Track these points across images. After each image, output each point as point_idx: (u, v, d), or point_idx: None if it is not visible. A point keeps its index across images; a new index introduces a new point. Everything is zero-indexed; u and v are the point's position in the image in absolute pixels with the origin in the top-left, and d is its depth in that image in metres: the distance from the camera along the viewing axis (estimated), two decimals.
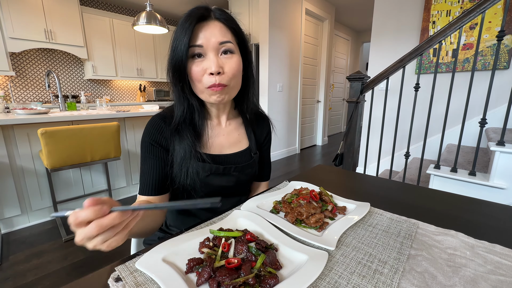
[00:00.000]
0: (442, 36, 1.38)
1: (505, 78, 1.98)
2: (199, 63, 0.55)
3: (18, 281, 1.30)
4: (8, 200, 1.73)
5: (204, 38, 0.53)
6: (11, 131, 1.70)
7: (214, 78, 0.54)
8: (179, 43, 0.53)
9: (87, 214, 0.31)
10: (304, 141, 4.42)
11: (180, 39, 0.53)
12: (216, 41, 0.54)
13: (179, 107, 0.61)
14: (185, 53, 0.53)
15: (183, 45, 0.53)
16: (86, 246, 0.33)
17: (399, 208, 0.62)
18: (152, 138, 0.60)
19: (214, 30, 0.54)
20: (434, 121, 2.22)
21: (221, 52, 0.55)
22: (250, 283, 0.35)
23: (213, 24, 0.55)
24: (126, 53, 4.17)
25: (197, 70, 0.55)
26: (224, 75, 0.55)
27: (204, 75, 0.55)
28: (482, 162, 1.71)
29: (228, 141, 0.69)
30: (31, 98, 3.58)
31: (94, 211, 0.31)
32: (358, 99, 1.75)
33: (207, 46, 0.54)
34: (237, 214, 0.55)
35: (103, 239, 0.33)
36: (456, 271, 0.39)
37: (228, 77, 0.56)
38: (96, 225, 0.31)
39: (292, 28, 3.57)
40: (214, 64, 0.53)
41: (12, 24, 3.03)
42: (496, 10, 1.95)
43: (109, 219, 0.32)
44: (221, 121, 0.69)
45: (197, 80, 0.56)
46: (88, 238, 0.32)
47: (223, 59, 0.55)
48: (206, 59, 0.54)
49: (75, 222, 0.31)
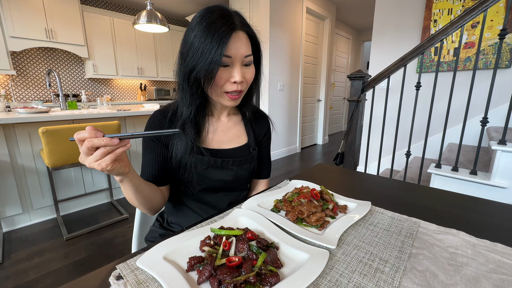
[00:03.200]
0: (443, 34, 1.37)
1: (507, 77, 1.97)
2: (225, 71, 0.57)
3: (20, 280, 1.30)
4: (10, 199, 1.73)
5: (234, 49, 0.56)
6: (12, 130, 1.70)
7: (236, 85, 0.59)
8: (212, 50, 0.53)
9: (85, 133, 0.40)
10: (304, 140, 4.42)
11: (212, 48, 0.53)
12: (242, 54, 0.57)
13: (190, 105, 0.62)
14: (218, 64, 0.54)
15: (218, 55, 0.53)
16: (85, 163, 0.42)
17: (400, 207, 0.62)
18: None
19: (241, 44, 0.57)
20: (435, 120, 2.21)
21: (244, 63, 0.59)
22: (251, 282, 0.35)
23: (241, 36, 0.57)
24: (126, 52, 4.17)
25: (223, 77, 0.58)
26: (243, 83, 0.60)
27: (227, 82, 0.58)
28: (483, 161, 1.70)
29: (227, 136, 0.71)
30: (32, 97, 3.59)
31: (89, 131, 0.40)
32: (359, 98, 1.75)
33: (235, 57, 0.57)
34: (238, 213, 0.55)
35: (95, 158, 0.41)
36: (458, 270, 0.39)
37: (246, 85, 0.62)
38: (87, 141, 0.40)
39: (292, 27, 3.56)
40: (239, 75, 0.57)
41: (13, 23, 3.03)
42: (498, 8, 1.94)
43: (99, 139, 0.40)
44: (221, 117, 0.72)
45: (219, 85, 0.59)
46: (84, 153, 0.41)
47: (244, 69, 0.60)
48: (232, 69, 0.58)
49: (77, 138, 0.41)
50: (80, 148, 0.41)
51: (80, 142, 0.41)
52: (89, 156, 0.42)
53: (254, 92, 0.71)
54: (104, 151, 0.41)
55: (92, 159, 0.41)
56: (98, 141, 0.40)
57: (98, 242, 1.63)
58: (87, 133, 0.40)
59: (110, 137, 0.41)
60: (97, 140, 0.40)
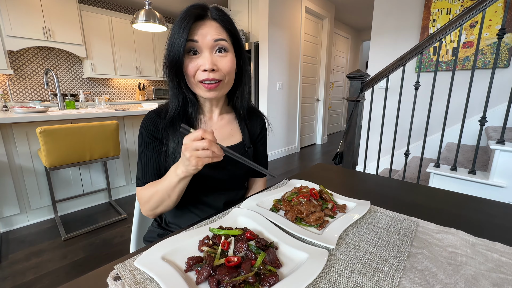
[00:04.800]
0: (442, 34, 1.37)
1: (505, 77, 1.97)
2: (194, 59, 0.58)
3: (18, 280, 1.29)
4: (7, 199, 1.72)
5: (200, 35, 0.56)
6: (10, 129, 1.69)
7: (207, 74, 0.58)
8: (177, 39, 0.56)
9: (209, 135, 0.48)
10: (303, 139, 4.42)
11: (178, 35, 0.56)
12: (211, 39, 0.57)
13: (174, 101, 0.64)
14: (182, 49, 0.56)
15: (180, 42, 0.56)
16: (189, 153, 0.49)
17: (399, 206, 0.62)
18: (148, 132, 0.65)
19: (210, 29, 0.57)
20: (434, 120, 2.22)
21: (216, 50, 0.58)
22: (250, 282, 0.35)
23: (210, 23, 0.58)
24: (125, 51, 4.15)
25: (191, 66, 0.58)
26: (217, 72, 0.59)
27: (198, 70, 0.58)
28: (482, 160, 1.71)
29: (220, 135, 0.70)
30: (30, 96, 3.57)
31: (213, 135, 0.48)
32: (358, 98, 1.75)
33: (202, 43, 0.57)
34: (237, 213, 0.54)
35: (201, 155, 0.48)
36: (457, 269, 0.39)
37: (221, 74, 0.60)
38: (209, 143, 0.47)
39: (291, 27, 3.56)
40: (208, 62, 0.56)
41: (10, 22, 3.01)
42: (496, 8, 1.95)
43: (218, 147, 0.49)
44: (213, 116, 0.71)
45: (191, 75, 0.59)
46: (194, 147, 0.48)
47: (217, 57, 0.59)
48: (201, 56, 0.58)
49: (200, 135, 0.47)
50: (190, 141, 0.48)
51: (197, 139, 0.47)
52: (196, 151, 0.48)
53: (245, 86, 0.70)
54: (210, 154, 0.48)
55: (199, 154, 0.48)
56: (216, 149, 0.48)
57: (96, 242, 1.62)
58: (211, 136, 0.48)
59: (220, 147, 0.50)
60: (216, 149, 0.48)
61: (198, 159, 0.49)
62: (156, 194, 0.59)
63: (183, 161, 0.51)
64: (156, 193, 0.59)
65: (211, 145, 0.47)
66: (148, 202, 0.61)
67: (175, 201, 0.60)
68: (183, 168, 0.52)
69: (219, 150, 0.49)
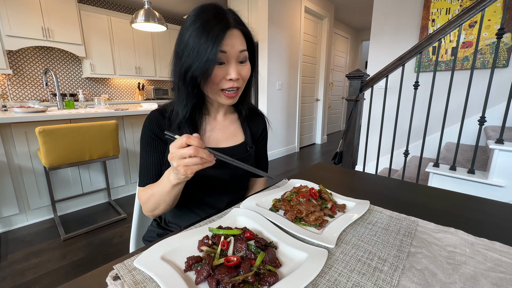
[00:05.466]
0: (441, 34, 1.38)
1: (504, 76, 1.98)
2: (221, 69, 0.58)
3: (17, 280, 1.29)
4: (6, 199, 1.72)
5: (228, 46, 0.56)
6: (9, 129, 1.68)
7: (232, 82, 0.59)
8: (207, 49, 0.53)
9: (194, 141, 0.46)
10: (303, 139, 4.42)
11: (208, 45, 0.53)
12: (237, 50, 0.57)
13: (186, 105, 0.62)
14: (214, 61, 0.54)
15: (213, 54, 0.53)
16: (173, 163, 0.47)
17: (398, 206, 0.62)
18: (152, 131, 0.64)
19: (236, 40, 0.57)
20: (433, 119, 2.22)
21: (239, 60, 0.59)
22: (249, 281, 0.35)
23: (235, 34, 0.57)
24: (124, 51, 4.14)
25: (219, 75, 0.58)
26: (239, 80, 0.60)
27: (223, 79, 0.58)
28: (481, 160, 1.71)
29: (223, 135, 0.71)
30: (29, 96, 3.56)
31: (199, 141, 0.46)
32: (358, 97, 1.75)
33: (230, 54, 0.57)
34: (237, 212, 0.54)
35: (188, 163, 0.46)
36: (456, 269, 0.39)
37: (241, 82, 0.62)
38: (195, 149, 0.45)
39: (291, 26, 3.56)
40: (235, 72, 0.58)
41: (9, 22, 3.00)
42: (495, 8, 1.95)
43: (205, 152, 0.47)
44: (217, 116, 0.72)
45: (215, 83, 0.59)
46: (180, 155, 0.46)
47: (239, 66, 0.60)
48: (228, 66, 0.58)
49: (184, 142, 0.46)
50: (175, 149, 0.46)
51: (182, 146, 0.46)
52: (183, 159, 0.46)
53: (250, 89, 0.71)
54: (198, 161, 0.46)
55: (186, 163, 0.46)
56: (204, 155, 0.46)
57: (96, 242, 1.62)
58: (196, 142, 0.45)
59: (210, 151, 0.48)
60: (204, 154, 0.46)
61: (186, 167, 0.46)
62: (152, 197, 0.59)
63: (172, 169, 0.50)
64: (152, 196, 0.59)
65: (197, 151, 0.45)
66: (147, 203, 0.61)
67: (171, 205, 0.60)
68: (174, 176, 0.51)
69: (209, 155, 0.47)
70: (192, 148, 0.45)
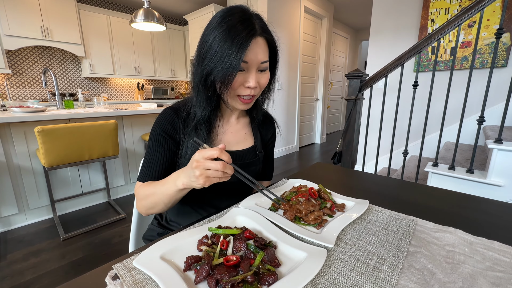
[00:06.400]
0: (440, 34, 1.38)
1: (503, 76, 1.98)
2: (241, 75, 0.58)
3: (16, 280, 1.29)
4: (5, 199, 1.72)
5: (252, 55, 0.55)
6: (8, 129, 1.68)
7: (249, 90, 0.59)
8: (231, 55, 0.53)
9: (226, 156, 0.46)
10: (302, 139, 4.42)
11: (232, 51, 0.53)
12: (259, 60, 0.57)
13: (205, 108, 0.62)
14: (237, 67, 0.54)
15: (237, 61, 0.53)
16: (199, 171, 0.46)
17: (397, 205, 0.62)
18: (163, 129, 0.63)
19: (259, 49, 0.57)
20: (432, 119, 2.22)
21: (260, 69, 0.59)
22: (248, 281, 0.35)
23: (259, 42, 0.57)
24: (123, 51, 4.14)
25: (238, 82, 0.58)
26: (257, 88, 0.60)
27: (241, 86, 0.59)
28: (480, 159, 1.71)
29: (235, 138, 0.71)
30: (28, 96, 3.55)
31: (229, 158, 0.47)
32: (357, 97, 1.75)
33: (251, 63, 0.56)
34: (236, 212, 0.54)
35: (210, 174, 0.46)
36: (455, 268, 0.39)
37: (258, 90, 0.62)
38: (222, 165, 0.45)
39: (290, 26, 3.56)
40: (253, 81, 0.58)
41: (8, 21, 3.00)
42: (494, 8, 1.95)
43: (230, 168, 0.47)
44: (230, 119, 0.72)
45: (233, 89, 0.59)
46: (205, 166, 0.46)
47: (259, 74, 0.60)
48: (248, 74, 0.58)
49: (212, 155, 0.45)
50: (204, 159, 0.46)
51: (212, 157, 0.46)
52: (207, 170, 0.46)
53: (267, 96, 0.71)
54: (221, 175, 0.47)
55: (209, 174, 0.46)
56: (230, 171, 0.47)
57: (95, 242, 1.62)
58: (227, 158, 0.46)
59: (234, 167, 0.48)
60: (230, 170, 0.47)
61: (207, 178, 0.47)
62: (152, 196, 0.58)
63: (189, 175, 0.49)
64: (153, 195, 0.58)
65: (224, 167, 0.46)
66: (144, 200, 0.60)
67: (169, 207, 0.60)
68: (185, 181, 0.50)
69: (232, 171, 0.48)
70: (221, 163, 0.45)
